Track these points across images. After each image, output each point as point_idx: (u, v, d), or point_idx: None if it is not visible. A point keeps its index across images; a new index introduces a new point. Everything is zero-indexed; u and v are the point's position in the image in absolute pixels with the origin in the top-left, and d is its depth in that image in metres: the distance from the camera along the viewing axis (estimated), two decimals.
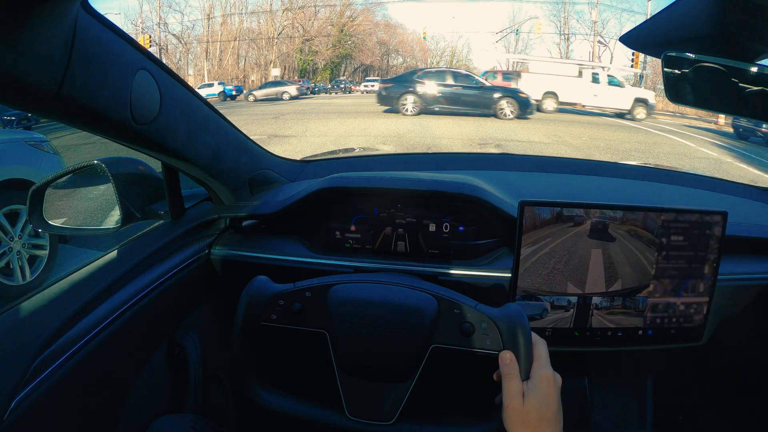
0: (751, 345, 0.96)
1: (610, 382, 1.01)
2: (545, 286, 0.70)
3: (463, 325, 0.59)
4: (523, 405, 0.54)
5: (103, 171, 0.78)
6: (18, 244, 2.69)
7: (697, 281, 0.72)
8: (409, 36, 40.15)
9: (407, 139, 8.62)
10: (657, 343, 0.74)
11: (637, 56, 20.36)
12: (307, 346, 0.74)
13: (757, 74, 0.56)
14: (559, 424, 0.55)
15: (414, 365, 0.60)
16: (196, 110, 0.76)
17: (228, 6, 33.75)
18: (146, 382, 0.74)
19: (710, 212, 0.70)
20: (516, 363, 0.56)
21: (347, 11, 36.51)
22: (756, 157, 8.58)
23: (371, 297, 0.63)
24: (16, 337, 0.56)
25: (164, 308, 0.78)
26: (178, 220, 0.88)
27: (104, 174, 0.78)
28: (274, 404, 0.62)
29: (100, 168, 0.79)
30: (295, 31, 35.74)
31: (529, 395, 0.54)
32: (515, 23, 36.65)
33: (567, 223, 0.69)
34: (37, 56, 0.45)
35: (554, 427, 0.54)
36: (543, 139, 9.27)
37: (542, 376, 0.55)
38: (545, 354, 0.57)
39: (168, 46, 32.15)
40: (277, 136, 9.03)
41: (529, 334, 0.57)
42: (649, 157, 8.01)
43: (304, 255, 0.88)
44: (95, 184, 0.85)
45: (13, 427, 0.51)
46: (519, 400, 0.54)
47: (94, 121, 0.58)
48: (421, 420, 0.61)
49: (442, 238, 0.89)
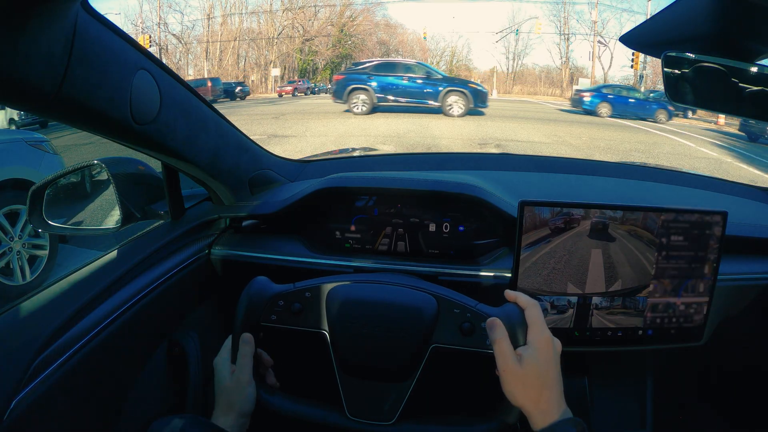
0: (751, 345, 0.96)
1: (610, 382, 1.00)
2: (545, 286, 0.70)
3: (463, 325, 0.59)
4: (522, 368, 0.53)
5: (103, 171, 0.78)
6: (18, 244, 2.69)
7: (697, 281, 0.72)
8: (409, 36, 40.18)
9: (407, 139, 8.62)
10: (657, 343, 0.74)
11: (637, 56, 20.38)
12: (307, 346, 0.74)
13: (757, 74, 0.56)
14: (559, 389, 0.54)
15: (414, 365, 0.60)
16: (196, 110, 0.76)
17: (228, 6, 33.76)
18: (146, 382, 0.74)
19: (710, 212, 0.70)
20: (503, 326, 0.55)
21: (347, 11, 36.53)
22: (756, 157, 8.58)
23: (371, 297, 0.63)
24: (16, 336, 0.56)
25: (164, 308, 0.78)
26: (178, 220, 0.88)
27: (104, 174, 0.79)
28: (274, 404, 0.62)
29: (100, 168, 0.79)
30: (295, 31, 35.74)
31: (528, 359, 0.53)
32: (515, 23, 36.67)
33: (567, 223, 0.69)
34: (37, 56, 0.45)
35: (555, 392, 0.53)
36: (543, 139, 9.27)
37: (540, 340, 0.54)
38: (539, 317, 0.56)
39: (168, 46, 32.17)
40: (277, 136, 9.03)
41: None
42: (649, 157, 8.01)
43: (304, 255, 0.88)
44: (95, 184, 0.86)
45: (13, 427, 0.51)
46: (515, 363, 0.53)
47: (94, 121, 0.58)
48: (421, 420, 0.61)
49: (442, 238, 0.89)
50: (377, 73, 12.16)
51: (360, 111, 11.84)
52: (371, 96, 11.90)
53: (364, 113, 11.78)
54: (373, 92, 11.92)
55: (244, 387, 0.61)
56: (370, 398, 0.61)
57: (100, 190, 0.85)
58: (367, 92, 11.92)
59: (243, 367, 0.62)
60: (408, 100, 12.02)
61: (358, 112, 11.84)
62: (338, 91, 12.29)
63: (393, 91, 12.04)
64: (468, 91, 11.83)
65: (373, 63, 13.00)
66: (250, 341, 0.63)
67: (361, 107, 11.86)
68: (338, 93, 12.29)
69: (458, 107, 11.66)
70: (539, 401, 0.53)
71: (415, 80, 12.13)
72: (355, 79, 12.14)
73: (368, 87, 11.94)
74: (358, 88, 12.00)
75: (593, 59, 32.51)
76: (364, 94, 11.93)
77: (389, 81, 12.08)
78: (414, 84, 12.09)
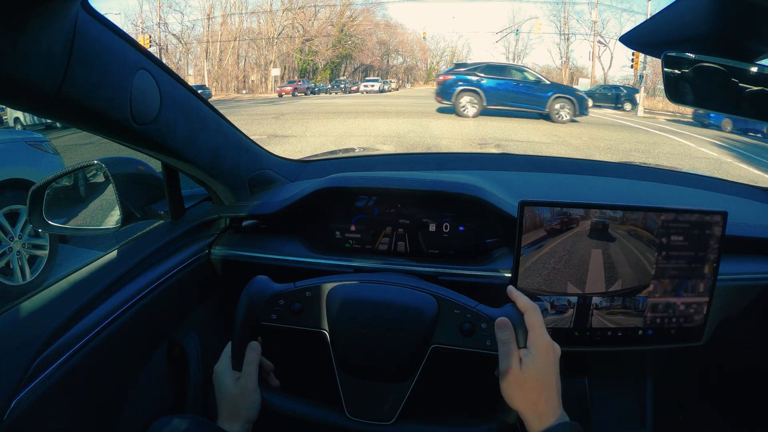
0: (751, 345, 0.96)
1: (610, 382, 1.00)
2: (545, 286, 0.70)
3: (463, 326, 0.59)
4: (521, 371, 0.53)
5: (103, 171, 0.78)
6: (18, 244, 2.69)
7: (697, 281, 0.72)
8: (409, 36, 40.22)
9: (407, 139, 8.62)
10: (657, 343, 0.73)
11: (637, 56, 20.35)
12: (307, 346, 0.74)
13: (757, 74, 0.56)
14: (557, 394, 0.54)
15: (414, 365, 0.60)
16: (196, 110, 0.76)
17: (228, 6, 33.77)
18: (146, 382, 0.74)
19: (710, 212, 0.70)
20: (512, 328, 0.56)
21: (347, 11, 36.55)
22: (756, 157, 8.58)
23: (371, 297, 0.63)
24: (16, 336, 0.56)
25: (164, 308, 0.78)
26: (178, 220, 0.88)
27: (104, 174, 0.79)
28: (274, 404, 0.62)
29: (100, 168, 0.79)
30: (295, 31, 35.75)
31: (528, 363, 0.54)
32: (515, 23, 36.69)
33: (567, 223, 0.69)
34: (37, 56, 0.45)
35: (553, 396, 0.53)
36: (543, 139, 9.27)
37: (540, 344, 0.54)
38: (539, 321, 0.56)
39: (168, 46, 32.17)
40: (277, 136, 9.03)
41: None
42: (649, 157, 8.01)
43: (304, 255, 0.88)
44: (95, 184, 0.86)
45: (13, 427, 0.51)
46: (516, 365, 0.54)
47: (94, 121, 0.58)
48: (420, 420, 0.61)
49: (442, 238, 0.89)
50: (487, 75, 11.78)
51: (468, 113, 11.47)
52: (481, 98, 11.54)
53: (472, 116, 11.44)
54: (483, 95, 11.54)
55: (249, 394, 0.61)
56: (369, 398, 0.61)
57: (100, 190, 0.85)
58: (477, 94, 11.55)
59: (249, 375, 0.61)
60: (518, 104, 11.64)
61: (466, 114, 11.46)
62: (445, 92, 11.83)
63: (502, 95, 11.62)
64: (575, 98, 11.53)
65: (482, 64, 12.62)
66: (257, 349, 0.63)
67: (470, 109, 11.50)
68: (445, 93, 11.83)
69: (565, 113, 11.38)
70: (537, 405, 0.53)
71: (525, 85, 11.74)
72: (466, 80, 11.72)
73: (479, 89, 11.57)
74: (469, 89, 11.59)
75: (593, 59, 32.54)
76: (474, 96, 11.55)
77: (499, 84, 11.68)
78: (523, 88, 11.69)
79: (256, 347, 0.63)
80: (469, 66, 12.63)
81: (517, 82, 11.79)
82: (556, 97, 11.49)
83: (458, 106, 11.57)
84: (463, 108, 11.53)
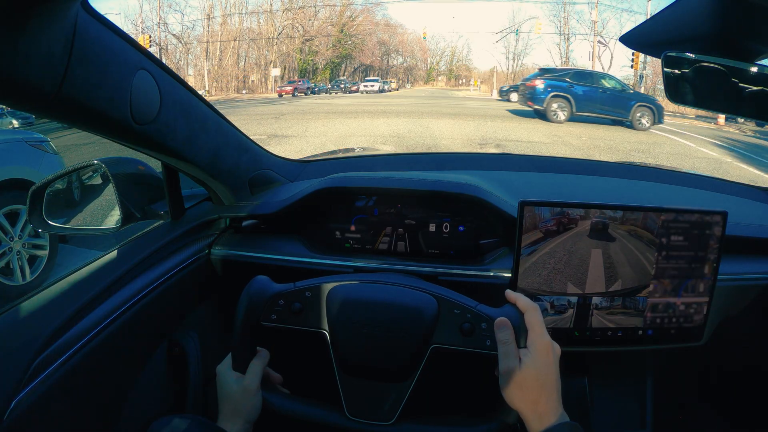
0: (751, 345, 0.96)
1: (610, 382, 1.00)
2: (545, 286, 0.70)
3: (463, 326, 0.59)
4: (521, 371, 0.53)
5: (103, 171, 0.78)
6: (18, 244, 2.69)
7: (697, 281, 0.72)
8: (409, 36, 40.25)
9: (407, 139, 8.62)
10: (657, 343, 0.74)
11: (637, 56, 20.37)
12: (307, 346, 0.74)
13: (757, 74, 0.56)
14: (557, 393, 0.54)
15: (414, 365, 0.60)
16: (196, 110, 0.76)
17: (228, 6, 33.78)
18: (146, 382, 0.74)
19: (710, 212, 0.70)
20: (512, 329, 0.56)
21: (347, 11, 36.56)
22: (756, 157, 8.58)
23: (371, 297, 0.63)
24: (16, 336, 0.56)
25: (164, 308, 0.78)
26: (178, 220, 0.88)
27: (104, 174, 0.79)
28: (274, 404, 0.62)
29: (100, 168, 0.79)
30: (295, 31, 35.75)
31: (528, 363, 0.54)
32: (515, 23, 36.72)
33: (567, 223, 0.69)
34: (37, 56, 0.45)
35: (553, 396, 0.53)
36: (543, 139, 9.27)
37: (540, 344, 0.55)
38: (539, 321, 0.56)
39: (168, 46, 32.18)
40: (277, 136, 9.03)
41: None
42: (649, 157, 8.01)
43: (304, 255, 0.88)
44: (95, 184, 0.86)
45: (13, 427, 0.51)
46: (516, 365, 0.54)
47: (94, 121, 0.58)
48: (420, 420, 0.61)
49: (442, 238, 0.89)
50: (577, 81, 11.87)
51: (558, 118, 11.53)
52: (571, 104, 11.62)
53: (561, 121, 11.48)
54: (573, 100, 11.63)
55: (251, 395, 0.61)
56: (369, 398, 0.61)
57: (100, 190, 0.85)
58: (567, 100, 11.62)
59: (253, 376, 0.62)
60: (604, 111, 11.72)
61: (556, 119, 11.52)
62: (536, 96, 11.85)
63: (591, 101, 11.70)
64: (654, 107, 11.64)
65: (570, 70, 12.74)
66: (265, 356, 0.64)
67: (561, 114, 11.57)
68: (536, 98, 11.87)
69: (646, 121, 11.48)
70: (537, 405, 0.53)
71: (611, 92, 11.83)
72: (557, 86, 11.80)
73: (569, 95, 11.65)
74: (560, 95, 11.67)
75: (593, 59, 32.52)
76: (564, 102, 11.63)
77: (587, 91, 11.79)
78: (609, 96, 11.78)
79: (266, 355, 0.65)
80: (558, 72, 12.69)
81: (603, 89, 11.89)
82: (639, 105, 11.61)
83: (549, 111, 11.65)
84: (554, 113, 11.62)
